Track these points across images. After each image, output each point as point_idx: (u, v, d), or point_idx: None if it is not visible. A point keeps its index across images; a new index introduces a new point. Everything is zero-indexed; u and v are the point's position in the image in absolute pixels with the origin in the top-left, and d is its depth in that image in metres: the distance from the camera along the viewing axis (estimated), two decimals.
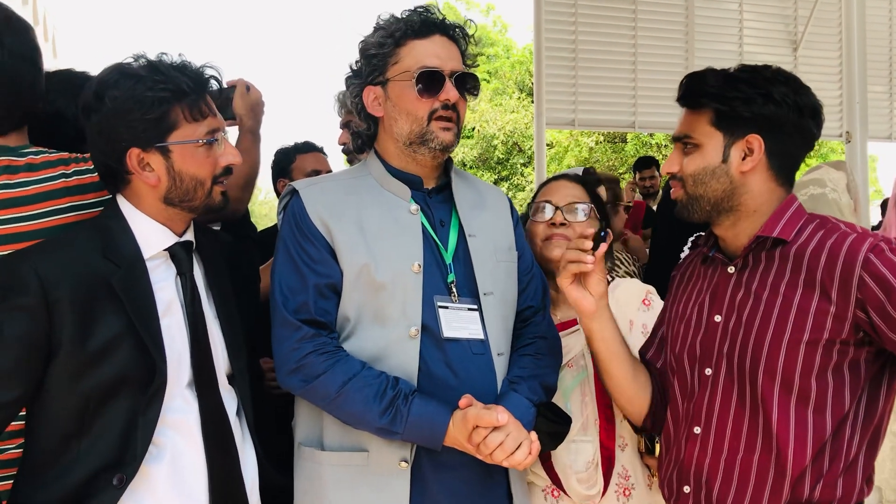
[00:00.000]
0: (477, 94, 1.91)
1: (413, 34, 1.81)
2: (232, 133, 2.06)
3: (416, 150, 1.84)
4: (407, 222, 1.83)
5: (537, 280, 1.97)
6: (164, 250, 1.67)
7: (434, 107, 1.81)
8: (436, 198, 1.91)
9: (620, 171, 17.43)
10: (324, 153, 3.51)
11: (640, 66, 6.38)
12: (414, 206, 1.85)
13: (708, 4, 6.57)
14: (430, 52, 1.81)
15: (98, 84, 1.59)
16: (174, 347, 1.62)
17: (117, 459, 1.54)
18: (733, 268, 1.72)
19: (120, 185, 1.66)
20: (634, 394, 1.86)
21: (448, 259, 1.85)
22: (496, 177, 19.38)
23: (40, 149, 1.77)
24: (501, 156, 19.34)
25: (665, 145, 16.59)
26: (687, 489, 1.75)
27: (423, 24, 1.82)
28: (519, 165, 19.19)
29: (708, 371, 1.72)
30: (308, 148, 3.48)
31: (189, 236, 1.72)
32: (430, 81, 1.79)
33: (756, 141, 1.65)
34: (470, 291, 1.85)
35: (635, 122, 6.52)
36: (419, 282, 1.78)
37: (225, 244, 1.91)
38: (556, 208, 2.13)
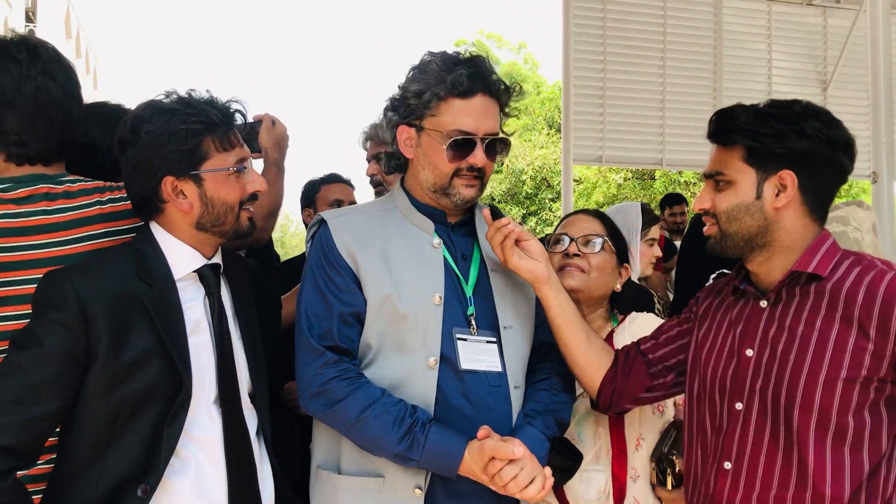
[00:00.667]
0: (506, 154, 1.93)
1: (457, 94, 1.82)
2: (258, 165, 2.15)
3: (439, 199, 1.90)
4: (430, 255, 1.88)
5: None
6: (194, 272, 1.75)
7: (460, 166, 1.85)
8: (459, 232, 1.95)
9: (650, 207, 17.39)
10: (350, 184, 3.60)
11: (668, 104, 6.42)
12: (437, 240, 1.90)
13: (736, 44, 6.62)
14: (469, 115, 1.82)
15: (133, 120, 1.69)
16: (200, 364, 1.68)
17: (142, 470, 1.60)
18: (766, 302, 1.71)
19: (154, 213, 1.75)
20: (587, 362, 1.90)
21: (469, 292, 1.89)
22: (524, 212, 19.45)
23: (77, 177, 1.86)
24: (530, 191, 19.43)
25: (694, 182, 16.54)
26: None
27: (469, 86, 1.82)
28: (547, 200, 19.25)
29: (739, 406, 1.71)
30: (332, 179, 3.59)
31: (217, 259, 1.80)
32: (461, 145, 1.83)
33: (789, 177, 1.64)
34: (489, 324, 1.89)
35: (663, 160, 6.54)
36: (440, 314, 1.82)
37: (251, 270, 1.98)
38: (572, 240, 2.19)
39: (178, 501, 1.64)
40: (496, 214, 1.84)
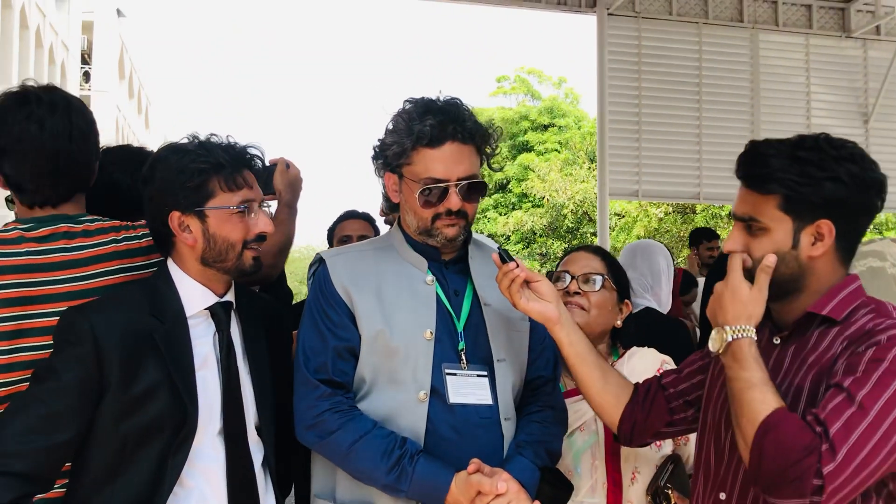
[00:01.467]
0: (484, 197, 1.98)
1: (424, 144, 1.87)
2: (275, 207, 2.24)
3: (425, 239, 1.95)
4: (422, 292, 1.93)
5: (550, 350, 2.02)
6: (206, 309, 1.83)
7: (438, 211, 1.89)
8: (452, 268, 2.00)
9: None
10: (366, 217, 3.75)
11: (704, 139, 6.39)
12: (430, 278, 1.95)
13: (774, 77, 6.58)
14: (439, 163, 1.87)
15: (153, 159, 1.82)
16: (207, 397, 1.75)
17: (147, 498, 1.67)
18: (779, 339, 1.70)
19: (168, 248, 1.85)
20: (605, 400, 1.88)
21: (460, 328, 1.93)
22: (566, 245, 19.40)
23: (96, 217, 1.97)
24: (571, 224, 19.41)
25: None
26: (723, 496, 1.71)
27: (434, 134, 1.86)
28: (588, 234, 19.18)
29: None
30: (346, 216, 3.77)
31: (229, 297, 1.88)
32: (434, 192, 1.88)
33: (827, 226, 1.59)
34: (480, 358, 1.93)
35: (700, 194, 6.49)
36: (430, 349, 1.87)
37: (265, 305, 2.06)
38: (573, 278, 2.21)
39: None
40: (505, 258, 1.87)
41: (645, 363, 2.14)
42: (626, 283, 2.30)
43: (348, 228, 3.66)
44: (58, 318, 1.77)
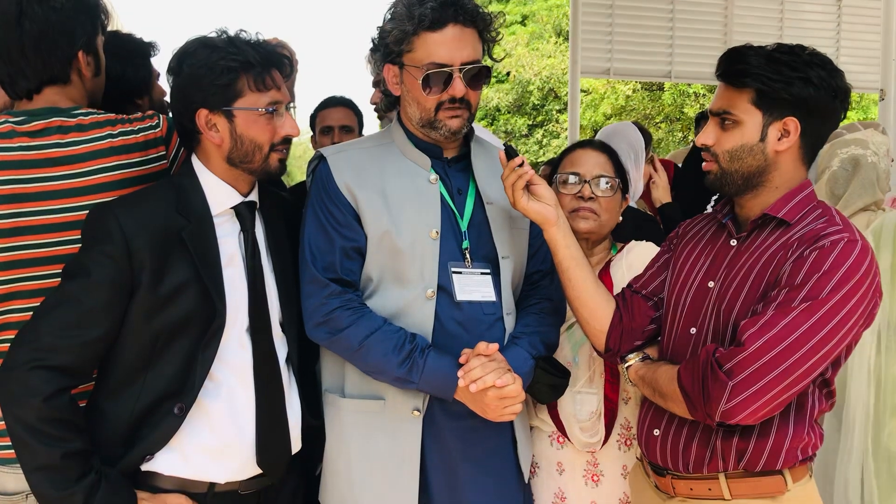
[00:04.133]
0: (488, 83, 1.96)
1: (425, 27, 1.83)
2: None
3: (428, 132, 1.94)
4: (426, 191, 1.94)
5: (547, 244, 2.05)
6: (231, 208, 1.84)
7: (442, 99, 1.87)
8: (455, 167, 2.01)
9: (657, 119, 17.18)
10: (349, 104, 3.67)
11: (677, 15, 6.27)
12: (433, 176, 1.96)
13: None
14: (441, 46, 1.84)
15: (181, 52, 1.78)
16: (234, 295, 1.79)
17: (177, 390, 1.74)
18: (735, 241, 1.82)
19: (193, 144, 1.84)
20: (596, 305, 1.95)
21: (463, 227, 1.96)
22: (531, 122, 19.24)
23: (89, 110, 1.89)
24: (537, 102, 19.15)
25: (703, 94, 16.30)
26: (657, 432, 1.87)
27: (436, 17, 1.83)
28: (554, 112, 19.00)
29: (692, 330, 1.84)
30: (327, 104, 3.70)
31: (253, 197, 1.90)
32: (437, 77, 1.85)
33: (793, 123, 1.72)
34: (483, 256, 1.97)
35: (671, 72, 6.42)
36: (436, 248, 1.90)
37: (285, 203, 2.07)
38: (585, 181, 2.18)
39: (212, 421, 1.78)
40: (510, 154, 1.86)
41: (643, 257, 2.17)
42: (626, 178, 2.29)
43: (330, 118, 3.57)
44: (56, 215, 1.75)
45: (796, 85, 1.69)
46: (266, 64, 1.78)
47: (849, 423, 2.56)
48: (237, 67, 1.73)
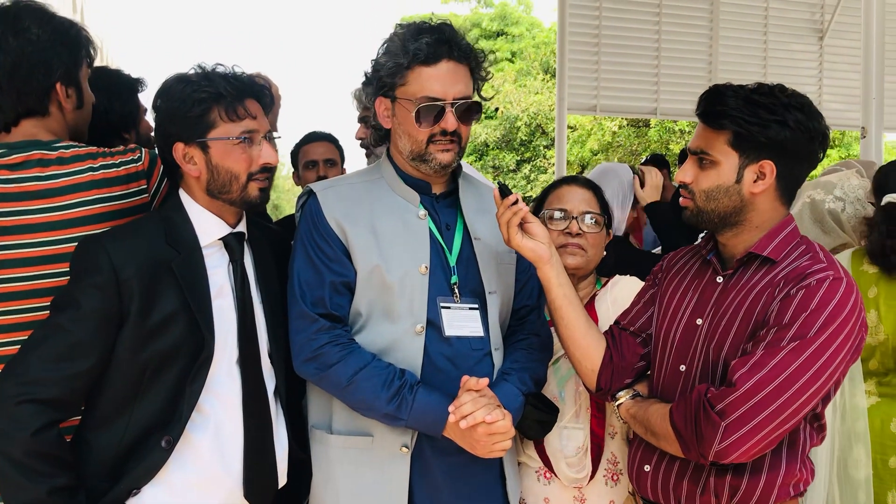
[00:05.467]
0: (479, 119, 1.98)
1: (420, 61, 1.86)
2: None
3: (418, 166, 1.95)
4: (416, 226, 1.95)
5: (534, 280, 2.05)
6: (219, 240, 1.84)
7: (433, 132, 1.89)
8: (443, 202, 2.02)
9: (643, 156, 17.33)
10: (330, 139, 3.67)
11: (663, 53, 6.39)
12: (422, 212, 1.96)
13: None
14: (435, 80, 1.86)
15: (160, 89, 1.81)
16: (224, 326, 1.79)
17: (164, 422, 1.73)
18: (721, 279, 1.83)
19: (178, 178, 1.85)
20: (588, 345, 1.94)
21: (452, 262, 1.97)
22: (519, 158, 19.38)
23: (71, 143, 1.89)
24: (524, 137, 19.32)
25: (689, 131, 16.48)
26: (647, 467, 1.87)
27: (431, 52, 1.85)
28: (542, 147, 19.16)
29: (682, 367, 1.84)
30: (309, 139, 3.69)
31: (241, 228, 1.90)
32: (430, 110, 1.87)
33: (769, 166, 1.73)
34: (472, 291, 1.97)
35: (657, 109, 6.52)
36: (426, 283, 1.91)
37: (273, 235, 2.08)
38: (573, 217, 2.20)
39: (198, 454, 1.75)
40: (504, 192, 1.87)
41: (627, 291, 2.17)
42: (611, 215, 2.31)
43: (313, 153, 3.58)
44: (34, 249, 1.75)
45: (773, 128, 1.70)
46: (239, 94, 1.78)
47: (814, 452, 2.55)
48: (207, 98, 1.75)
